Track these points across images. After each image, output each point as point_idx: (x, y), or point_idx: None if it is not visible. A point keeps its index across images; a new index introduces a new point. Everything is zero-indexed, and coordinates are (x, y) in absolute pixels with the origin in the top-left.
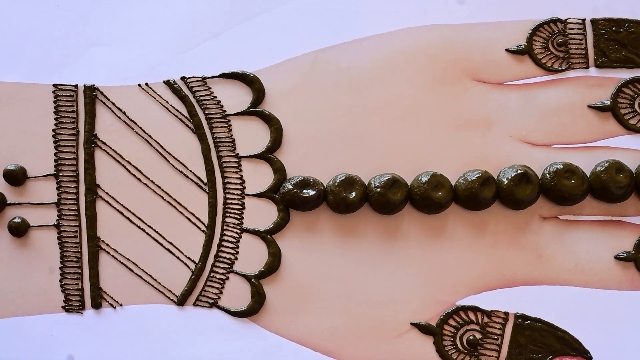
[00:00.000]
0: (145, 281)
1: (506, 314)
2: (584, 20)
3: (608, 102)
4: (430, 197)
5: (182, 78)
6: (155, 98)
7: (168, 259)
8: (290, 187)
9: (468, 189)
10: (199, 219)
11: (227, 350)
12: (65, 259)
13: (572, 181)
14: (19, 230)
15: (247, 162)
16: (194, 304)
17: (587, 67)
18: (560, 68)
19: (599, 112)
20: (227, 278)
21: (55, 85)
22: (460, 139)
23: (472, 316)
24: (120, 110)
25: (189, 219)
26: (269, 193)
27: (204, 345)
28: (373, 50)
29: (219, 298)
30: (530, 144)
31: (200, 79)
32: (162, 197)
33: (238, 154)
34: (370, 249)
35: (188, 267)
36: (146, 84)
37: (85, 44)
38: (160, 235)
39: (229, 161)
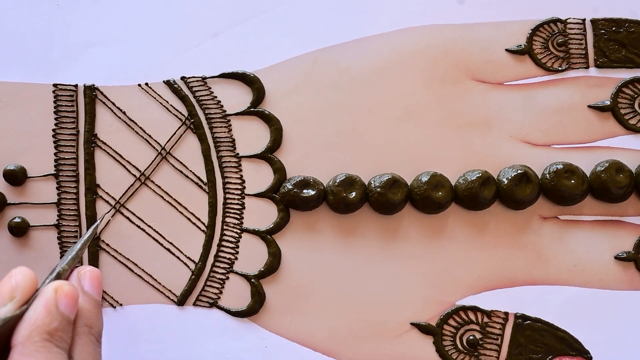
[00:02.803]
0: (145, 281)
1: (506, 314)
2: (584, 20)
3: (608, 102)
4: (430, 197)
5: (182, 78)
6: (155, 98)
7: (168, 259)
8: (290, 187)
9: (468, 189)
10: (199, 219)
11: (227, 350)
12: None
13: (572, 181)
14: (19, 230)
15: (247, 162)
16: (194, 304)
17: (587, 67)
18: (560, 68)
19: (599, 112)
20: (227, 278)
21: (55, 85)
22: (460, 139)
23: (472, 316)
24: (120, 110)
25: (189, 219)
26: (269, 193)
27: (204, 345)
28: (373, 50)
29: (219, 298)
30: (530, 144)
31: (200, 79)
32: (162, 197)
33: (238, 154)
34: (370, 249)
35: (188, 267)
36: (146, 84)
37: (85, 44)
38: (160, 235)
39: (229, 161)
